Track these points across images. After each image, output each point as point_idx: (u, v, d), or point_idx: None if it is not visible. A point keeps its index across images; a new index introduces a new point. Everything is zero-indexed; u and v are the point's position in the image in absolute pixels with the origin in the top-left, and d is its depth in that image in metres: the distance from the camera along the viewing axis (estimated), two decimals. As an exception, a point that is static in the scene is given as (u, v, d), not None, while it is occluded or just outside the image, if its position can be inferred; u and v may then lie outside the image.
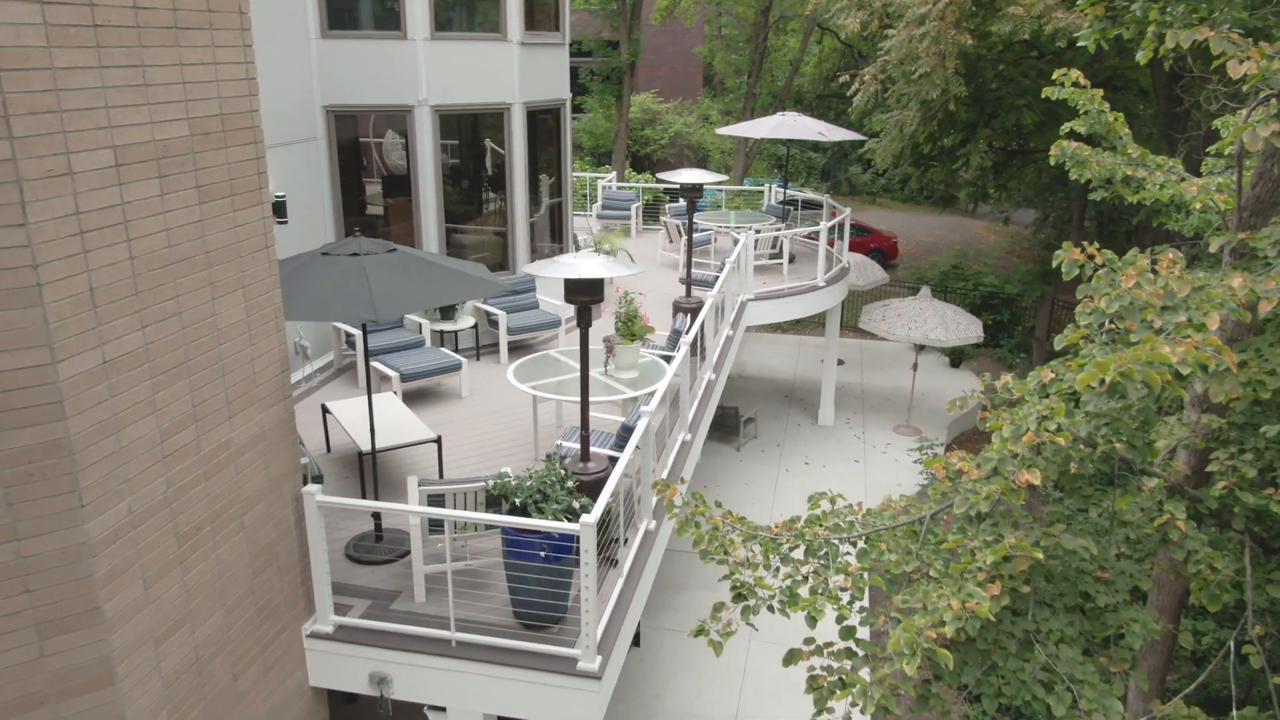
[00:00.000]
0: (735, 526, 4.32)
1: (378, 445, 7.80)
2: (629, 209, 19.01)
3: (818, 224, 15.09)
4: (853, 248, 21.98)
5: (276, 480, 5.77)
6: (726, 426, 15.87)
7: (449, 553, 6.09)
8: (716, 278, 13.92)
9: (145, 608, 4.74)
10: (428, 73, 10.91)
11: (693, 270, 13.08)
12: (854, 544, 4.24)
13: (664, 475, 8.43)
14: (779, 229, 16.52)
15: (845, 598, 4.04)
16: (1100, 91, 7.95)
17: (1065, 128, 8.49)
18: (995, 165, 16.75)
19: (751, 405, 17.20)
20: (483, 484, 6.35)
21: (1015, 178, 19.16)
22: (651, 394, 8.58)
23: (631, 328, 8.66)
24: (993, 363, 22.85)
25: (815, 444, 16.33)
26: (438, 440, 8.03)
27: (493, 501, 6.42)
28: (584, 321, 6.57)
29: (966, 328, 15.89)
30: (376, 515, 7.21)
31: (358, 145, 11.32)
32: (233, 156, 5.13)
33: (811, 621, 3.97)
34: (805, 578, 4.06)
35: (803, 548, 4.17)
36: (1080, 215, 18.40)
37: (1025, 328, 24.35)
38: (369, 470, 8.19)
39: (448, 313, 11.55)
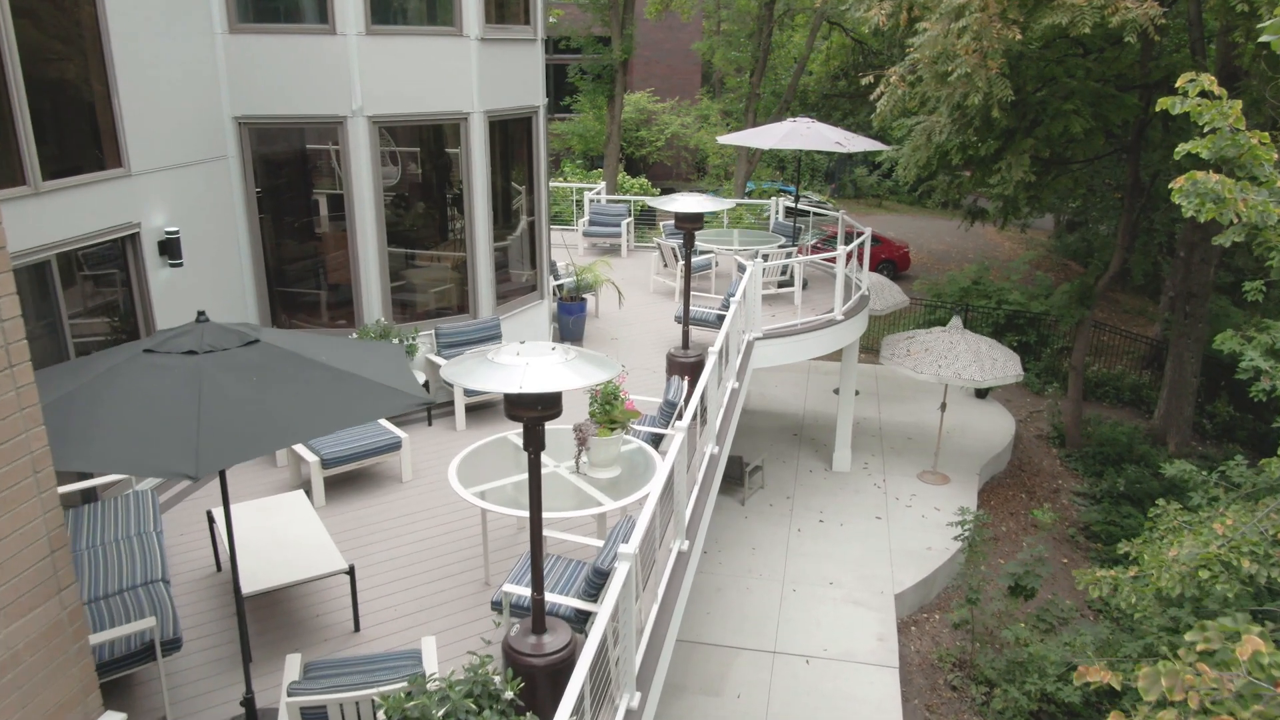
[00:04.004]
0: None
1: (263, 584, 5.76)
2: (619, 225, 16.94)
3: (830, 234, 13.01)
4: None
5: (49, 718, 3.73)
6: (730, 477, 13.83)
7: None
8: (720, 316, 11.86)
9: None
10: (363, 76, 8.84)
11: (691, 307, 11.06)
12: None
13: (655, 605, 6.40)
14: (789, 252, 14.49)
15: None
16: (1239, 103, 5.93)
17: (1180, 150, 6.44)
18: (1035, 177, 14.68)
19: (757, 448, 15.16)
20: (377, 692, 4.32)
21: (1049, 188, 17.11)
22: (640, 501, 6.54)
23: (611, 413, 6.59)
24: (1020, 390, 20.80)
25: (830, 495, 14.29)
26: (350, 571, 6.00)
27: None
28: (533, 444, 4.51)
29: (1004, 365, 13.84)
30: (248, 703, 5.16)
31: (297, 159, 9.24)
32: (-78, 230, 3.08)
33: None
34: None
35: None
36: (1128, 228, 16.36)
37: (1054, 349, 22.31)
38: (254, 618, 6.15)
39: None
